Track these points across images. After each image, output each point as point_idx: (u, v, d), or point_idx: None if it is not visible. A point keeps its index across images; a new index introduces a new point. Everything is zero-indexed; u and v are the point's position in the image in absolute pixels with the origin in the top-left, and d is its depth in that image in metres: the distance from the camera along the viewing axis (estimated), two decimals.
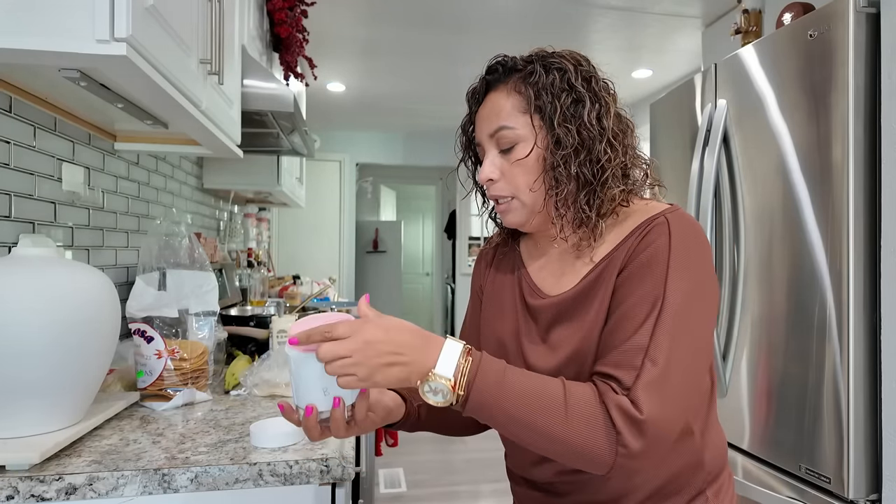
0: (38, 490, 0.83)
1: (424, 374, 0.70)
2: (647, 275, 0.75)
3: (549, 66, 0.81)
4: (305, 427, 0.73)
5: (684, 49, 3.43)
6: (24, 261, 0.94)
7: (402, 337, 0.70)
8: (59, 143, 1.36)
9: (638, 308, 0.73)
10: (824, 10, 1.40)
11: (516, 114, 0.81)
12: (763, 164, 1.59)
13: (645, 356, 0.70)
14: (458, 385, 0.69)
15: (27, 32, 0.82)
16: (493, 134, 0.83)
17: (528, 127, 0.81)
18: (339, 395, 0.72)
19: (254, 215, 3.45)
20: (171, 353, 1.20)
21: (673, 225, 0.77)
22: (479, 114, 0.86)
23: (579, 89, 0.80)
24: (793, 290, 1.49)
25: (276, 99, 1.74)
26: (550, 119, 0.79)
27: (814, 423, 1.42)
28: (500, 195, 0.84)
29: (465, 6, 2.87)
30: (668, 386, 0.69)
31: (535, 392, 0.69)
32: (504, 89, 0.83)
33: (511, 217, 0.85)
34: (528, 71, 0.82)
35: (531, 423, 0.69)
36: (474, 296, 1.01)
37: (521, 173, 0.82)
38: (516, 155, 0.82)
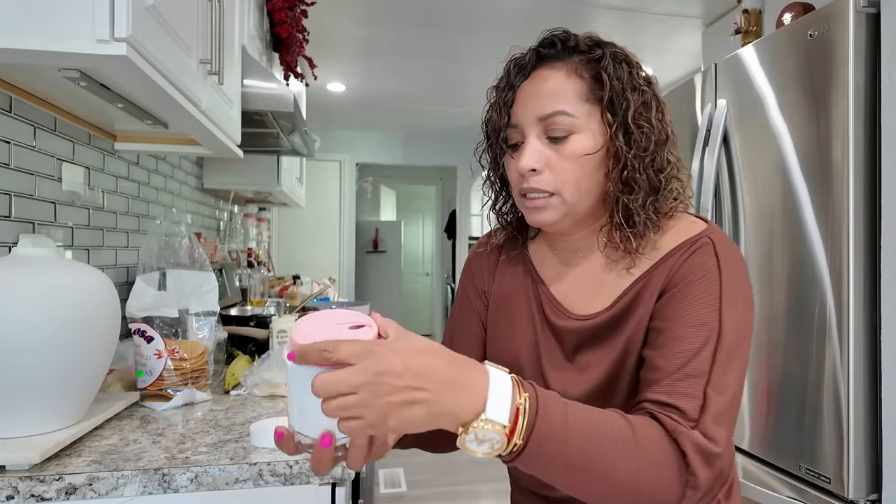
0: (38, 490, 0.83)
1: (468, 418, 0.54)
2: (697, 299, 0.68)
3: (617, 56, 0.73)
4: (317, 460, 0.56)
5: (684, 49, 3.43)
6: (24, 261, 0.94)
7: (428, 363, 0.53)
8: (59, 143, 1.36)
9: (691, 333, 0.67)
10: (824, 10, 1.40)
11: (577, 100, 0.72)
12: (763, 163, 1.59)
13: (707, 385, 0.64)
14: (518, 432, 0.55)
15: (27, 32, 0.82)
16: (546, 118, 0.72)
17: (588, 117, 0.72)
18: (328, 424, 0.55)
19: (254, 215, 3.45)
20: (171, 353, 1.20)
21: (719, 248, 0.71)
22: (525, 89, 0.75)
23: (646, 88, 0.73)
24: (793, 290, 1.49)
25: (276, 99, 1.74)
26: (625, 116, 0.71)
27: (814, 423, 1.42)
28: (541, 189, 0.73)
29: (466, 6, 2.87)
30: (731, 417, 0.65)
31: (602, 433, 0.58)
32: (563, 68, 0.73)
33: (545, 215, 0.74)
34: (595, 56, 0.73)
35: (599, 470, 0.58)
36: (471, 298, 0.89)
37: (572, 168, 0.72)
38: (573, 147, 0.71)
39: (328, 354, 0.51)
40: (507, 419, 0.54)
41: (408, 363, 0.52)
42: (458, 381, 0.54)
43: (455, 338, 0.89)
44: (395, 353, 0.52)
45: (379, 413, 0.51)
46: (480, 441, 0.54)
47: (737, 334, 0.67)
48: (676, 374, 0.65)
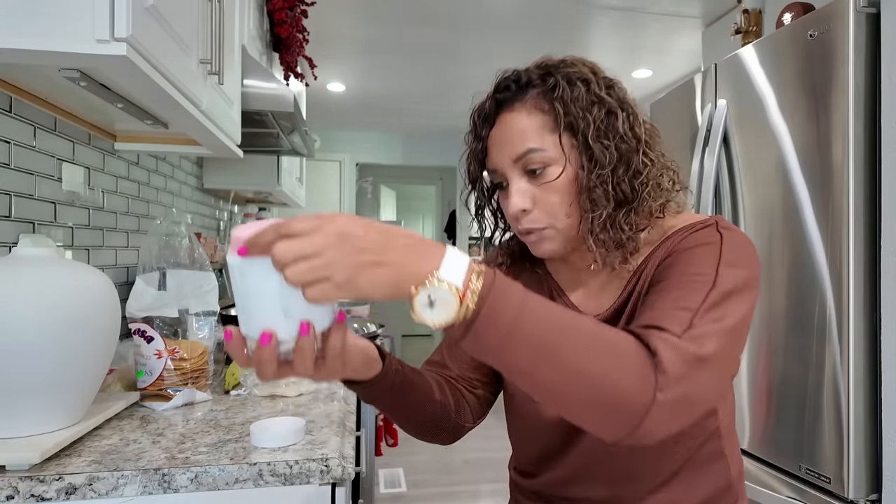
0: (38, 490, 0.83)
1: (421, 277, 0.52)
2: (696, 258, 0.68)
3: (570, 77, 0.74)
4: (258, 360, 0.54)
5: (684, 49, 3.43)
6: (24, 261, 0.94)
7: (390, 231, 0.53)
8: (59, 143, 1.36)
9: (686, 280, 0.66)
10: (824, 10, 1.40)
11: (543, 133, 0.74)
12: (763, 164, 1.59)
13: (695, 315, 0.62)
14: (469, 296, 0.52)
15: (27, 32, 0.82)
16: (519, 158, 0.74)
17: (558, 147, 0.73)
18: (306, 317, 0.54)
19: (254, 215, 3.45)
20: (171, 353, 1.20)
21: (722, 227, 0.72)
22: (495, 137, 0.77)
23: (607, 99, 0.74)
24: (793, 290, 1.49)
25: (276, 99, 1.74)
26: (584, 136, 0.72)
27: (814, 423, 1.42)
28: (535, 228, 0.76)
29: (465, 6, 2.87)
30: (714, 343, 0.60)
31: (562, 316, 0.56)
32: (522, 108, 0.75)
33: (546, 246, 0.77)
34: (548, 86, 0.74)
35: (555, 349, 0.54)
36: None
37: (555, 198, 0.74)
38: (547, 177, 0.74)
39: (284, 229, 0.50)
40: (461, 281, 0.53)
41: (369, 228, 0.52)
42: (418, 249, 0.53)
43: None
44: (354, 220, 0.52)
45: (346, 273, 0.50)
46: (432, 302, 0.52)
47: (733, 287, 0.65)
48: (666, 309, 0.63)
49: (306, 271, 0.50)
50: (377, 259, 0.51)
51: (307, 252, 0.50)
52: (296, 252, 0.49)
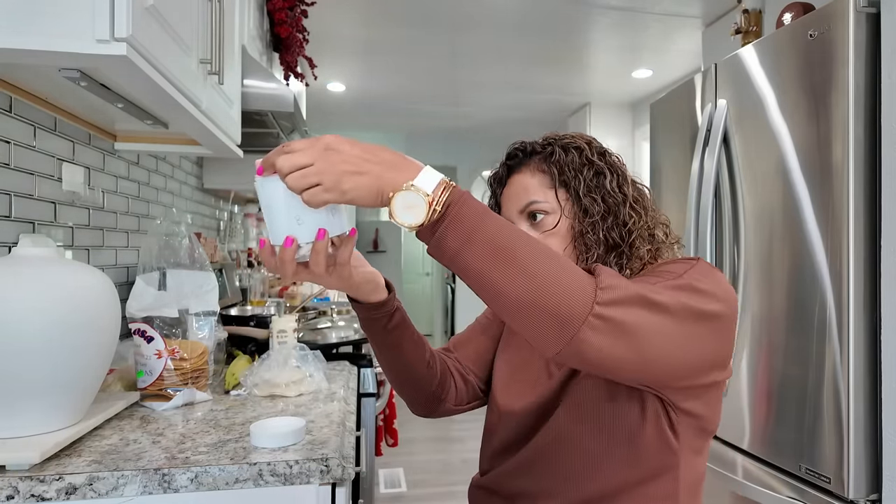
0: (38, 490, 0.83)
1: (398, 185, 0.62)
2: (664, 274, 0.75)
3: (566, 146, 0.89)
4: (281, 261, 0.67)
5: (684, 49, 3.43)
6: (24, 261, 0.94)
7: (374, 147, 0.64)
8: (59, 143, 1.36)
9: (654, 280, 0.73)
10: (824, 10, 1.40)
11: (543, 189, 0.87)
12: (763, 164, 1.59)
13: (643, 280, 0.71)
14: (437, 201, 0.62)
15: (27, 32, 0.82)
16: (524, 209, 0.88)
17: (555, 201, 0.87)
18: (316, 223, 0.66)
19: (254, 215, 3.45)
20: (171, 353, 1.20)
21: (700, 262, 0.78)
22: (505, 194, 0.92)
23: (597, 163, 0.87)
24: (793, 290, 1.49)
25: (276, 99, 1.74)
26: (576, 191, 0.85)
27: (814, 423, 1.42)
28: None
29: (466, 6, 2.87)
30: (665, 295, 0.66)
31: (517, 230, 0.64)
32: (527, 170, 0.90)
33: None
34: (547, 152, 0.89)
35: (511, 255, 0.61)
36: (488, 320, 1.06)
37: (552, 243, 0.86)
38: (546, 225, 0.87)
39: (287, 148, 0.63)
40: (431, 189, 0.62)
41: (355, 143, 0.63)
42: (398, 163, 0.64)
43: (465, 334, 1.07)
44: (340, 138, 0.63)
45: (333, 178, 0.61)
46: (407, 206, 0.62)
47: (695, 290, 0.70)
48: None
49: (300, 177, 0.61)
50: (360, 168, 0.62)
51: (300, 162, 0.61)
52: (292, 163, 0.62)
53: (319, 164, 0.61)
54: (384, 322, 0.87)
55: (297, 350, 1.39)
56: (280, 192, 0.64)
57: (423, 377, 0.94)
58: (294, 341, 1.49)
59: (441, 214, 0.62)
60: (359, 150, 0.63)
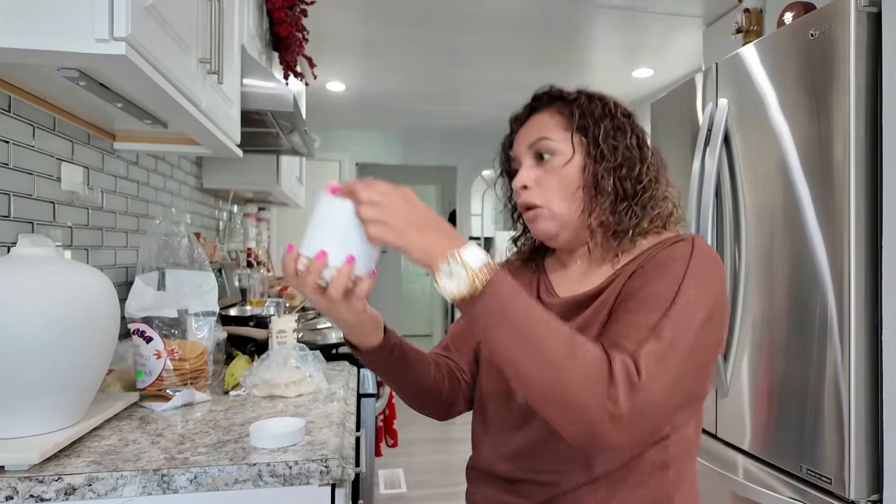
0: (37, 490, 0.83)
1: (446, 253, 0.67)
2: (663, 274, 0.76)
3: (593, 97, 0.89)
4: (307, 271, 0.70)
5: (685, 48, 3.43)
6: (23, 261, 0.93)
7: (433, 214, 0.71)
8: (58, 143, 1.36)
9: (648, 301, 0.74)
10: (825, 10, 1.40)
11: (558, 129, 0.87)
12: (764, 163, 1.58)
13: (650, 333, 0.70)
14: (479, 277, 0.66)
15: (26, 32, 0.82)
16: (532, 144, 0.88)
17: (568, 142, 0.86)
18: (357, 251, 0.71)
19: (253, 215, 3.45)
20: (171, 354, 1.20)
21: (697, 244, 0.79)
22: (520, 133, 0.92)
23: (620, 119, 0.87)
24: (794, 290, 1.49)
25: (276, 98, 1.74)
26: (594, 136, 0.84)
27: (815, 424, 1.42)
28: (532, 202, 0.87)
29: (466, 5, 2.87)
30: (668, 363, 0.68)
31: (546, 317, 0.68)
32: (547, 111, 0.90)
33: (539, 225, 0.88)
34: (572, 98, 0.89)
35: (535, 342, 0.66)
36: None
37: (555, 182, 0.86)
38: (552, 164, 0.86)
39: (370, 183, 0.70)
40: (477, 265, 0.67)
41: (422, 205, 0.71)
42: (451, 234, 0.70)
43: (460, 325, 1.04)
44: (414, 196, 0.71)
45: (400, 222, 0.68)
46: (451, 275, 0.67)
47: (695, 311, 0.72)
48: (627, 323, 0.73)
49: (375, 212, 0.68)
50: (422, 225, 0.69)
51: (380, 200, 0.68)
52: (372, 198, 0.68)
53: (394, 209, 0.68)
54: (386, 359, 0.89)
55: (296, 350, 1.39)
56: (345, 214, 0.70)
57: (432, 392, 0.96)
58: (294, 341, 1.48)
59: (480, 292, 0.66)
60: (426, 210, 0.70)
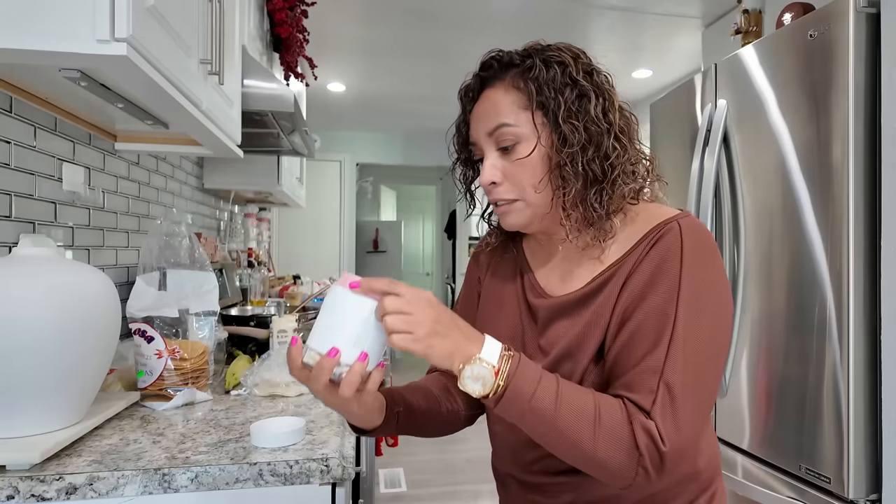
0: (38, 490, 0.83)
1: (468, 357, 0.67)
2: (656, 288, 0.73)
3: (549, 59, 0.78)
4: (319, 368, 0.68)
5: (684, 49, 3.43)
6: (24, 261, 0.94)
7: (453, 316, 0.70)
8: (59, 143, 1.36)
9: (649, 324, 0.72)
10: (824, 11, 1.40)
11: (516, 110, 0.78)
12: (763, 164, 1.59)
13: (660, 379, 0.69)
14: (501, 374, 0.67)
15: (27, 32, 0.82)
16: (492, 132, 0.79)
17: (530, 124, 0.77)
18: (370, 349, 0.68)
19: (254, 215, 3.45)
20: (172, 353, 1.20)
21: (685, 232, 0.75)
22: (475, 112, 0.83)
23: (582, 83, 0.77)
24: (793, 290, 1.49)
25: (277, 99, 1.74)
26: (555, 115, 0.76)
27: (814, 423, 1.42)
28: (504, 198, 0.80)
29: (465, 6, 2.87)
30: (684, 411, 0.69)
31: (569, 398, 0.69)
32: (501, 86, 0.80)
33: (512, 218, 0.82)
34: (526, 66, 0.78)
35: (562, 427, 0.68)
36: (471, 286, 0.99)
37: (524, 173, 0.78)
38: (518, 154, 0.78)
39: (395, 289, 0.67)
40: (496, 361, 0.68)
41: (444, 309, 0.69)
42: (469, 335, 0.69)
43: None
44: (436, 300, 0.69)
45: (425, 331, 0.66)
46: (475, 378, 0.67)
47: (697, 321, 0.71)
48: (635, 369, 0.71)
49: (399, 322, 0.66)
50: (445, 331, 0.68)
51: (405, 309, 0.66)
52: (398, 306, 0.66)
53: (419, 317, 0.66)
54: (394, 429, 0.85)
55: None
56: (364, 313, 0.67)
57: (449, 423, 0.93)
58: None
59: (504, 387, 0.67)
60: (448, 315, 0.69)
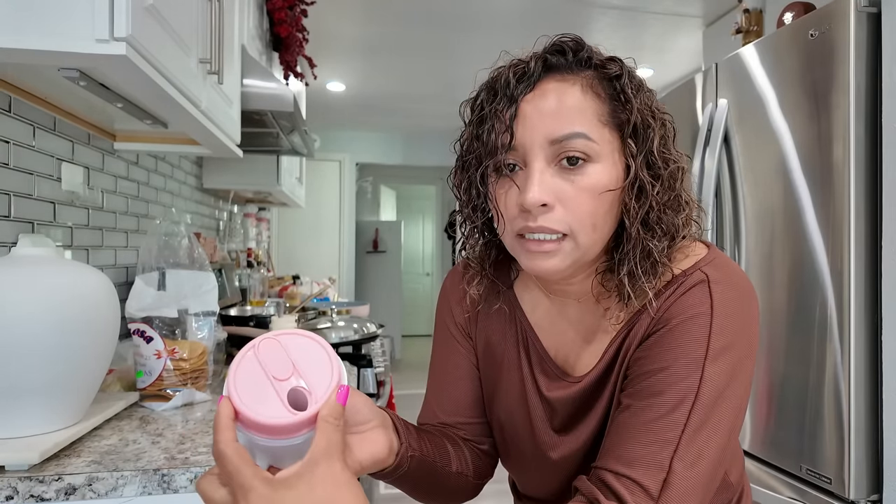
0: (37, 490, 0.83)
1: None
2: (680, 346, 0.59)
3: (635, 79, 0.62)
4: None
5: (685, 48, 3.43)
6: (23, 260, 0.93)
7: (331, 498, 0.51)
8: (58, 143, 1.36)
9: (665, 391, 0.58)
10: (825, 10, 1.40)
11: (597, 122, 0.59)
12: (764, 163, 1.58)
13: (675, 455, 0.55)
14: None
15: (27, 32, 0.82)
16: (560, 140, 0.59)
17: (609, 145, 0.60)
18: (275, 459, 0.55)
19: (253, 215, 3.45)
20: (171, 354, 1.20)
21: (715, 283, 0.60)
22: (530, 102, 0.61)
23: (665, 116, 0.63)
24: (793, 290, 1.49)
25: (276, 98, 1.74)
26: (650, 146, 0.60)
27: (814, 424, 1.42)
28: (552, 229, 0.60)
29: (466, 5, 2.87)
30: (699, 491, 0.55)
31: None
32: (578, 82, 0.61)
33: (552, 263, 0.61)
34: (612, 72, 0.61)
35: None
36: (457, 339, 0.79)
37: (590, 205, 0.59)
38: (592, 179, 0.59)
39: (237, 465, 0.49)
40: None
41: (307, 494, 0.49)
42: None
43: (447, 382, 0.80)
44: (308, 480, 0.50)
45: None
46: None
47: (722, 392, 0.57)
48: (642, 438, 0.56)
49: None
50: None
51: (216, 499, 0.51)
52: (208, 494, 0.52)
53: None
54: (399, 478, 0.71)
55: None
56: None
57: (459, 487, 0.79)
58: None
59: None
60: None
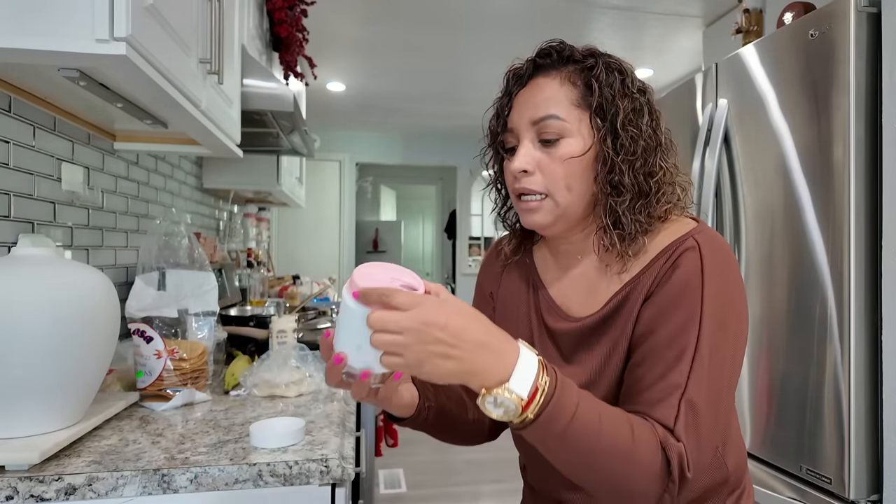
0: (37, 490, 0.83)
1: (491, 383, 0.60)
2: (679, 305, 0.70)
3: (610, 65, 0.77)
4: (329, 370, 0.64)
5: (685, 48, 3.43)
6: (23, 261, 0.93)
7: (469, 327, 0.60)
8: (58, 143, 1.36)
9: (671, 342, 0.70)
10: (825, 10, 1.40)
11: (569, 105, 0.76)
12: (764, 163, 1.58)
13: (682, 397, 0.67)
14: (532, 407, 0.61)
15: (27, 32, 0.82)
16: (537, 122, 0.76)
17: (579, 123, 0.75)
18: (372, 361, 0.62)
19: (253, 215, 3.45)
20: (171, 354, 1.20)
21: (704, 249, 0.72)
22: (521, 97, 0.79)
23: (637, 96, 0.77)
24: (793, 290, 1.49)
25: (276, 98, 1.74)
26: (613, 121, 0.74)
27: (814, 424, 1.42)
28: (533, 190, 0.77)
29: (466, 6, 2.87)
30: (706, 430, 0.67)
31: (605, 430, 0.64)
32: (557, 76, 0.77)
33: (537, 217, 0.78)
34: (587, 64, 0.77)
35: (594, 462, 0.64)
36: (483, 302, 0.95)
37: (562, 170, 0.75)
38: (563, 150, 0.75)
39: (386, 299, 0.59)
40: (526, 394, 0.61)
41: (450, 321, 0.59)
42: (491, 348, 0.61)
43: None
44: (441, 310, 0.59)
45: (416, 356, 0.58)
46: (498, 405, 0.61)
47: (720, 339, 0.69)
48: (657, 386, 0.68)
49: (386, 342, 0.58)
50: (447, 353, 0.59)
51: (391, 328, 0.58)
52: (384, 324, 0.58)
53: (410, 339, 0.58)
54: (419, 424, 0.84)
55: (296, 350, 1.39)
56: (356, 326, 0.60)
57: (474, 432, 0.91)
58: (294, 341, 1.48)
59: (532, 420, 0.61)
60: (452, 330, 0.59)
